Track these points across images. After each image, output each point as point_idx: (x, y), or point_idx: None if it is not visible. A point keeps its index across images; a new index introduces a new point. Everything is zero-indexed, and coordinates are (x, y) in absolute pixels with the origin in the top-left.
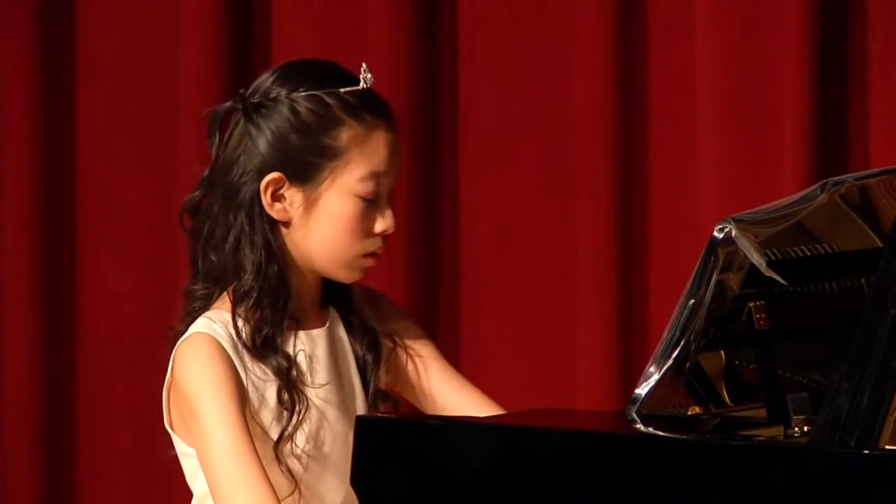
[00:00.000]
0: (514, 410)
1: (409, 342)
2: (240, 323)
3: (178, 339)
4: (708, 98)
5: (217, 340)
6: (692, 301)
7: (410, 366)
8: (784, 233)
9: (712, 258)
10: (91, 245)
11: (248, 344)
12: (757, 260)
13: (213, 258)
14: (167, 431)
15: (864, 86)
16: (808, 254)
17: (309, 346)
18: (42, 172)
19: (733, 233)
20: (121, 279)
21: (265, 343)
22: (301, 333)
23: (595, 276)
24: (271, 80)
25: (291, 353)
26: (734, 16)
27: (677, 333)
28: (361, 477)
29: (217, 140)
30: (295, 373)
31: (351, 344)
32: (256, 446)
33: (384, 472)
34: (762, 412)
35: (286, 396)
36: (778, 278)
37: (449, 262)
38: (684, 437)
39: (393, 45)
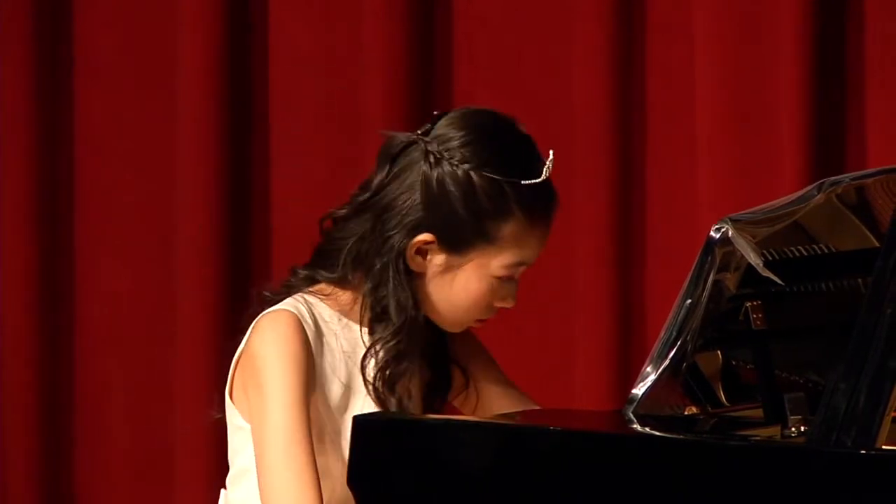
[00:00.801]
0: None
1: (484, 379)
2: (370, 361)
3: (264, 305)
4: (706, 98)
5: (301, 323)
6: (689, 301)
7: (478, 407)
8: (781, 233)
9: (709, 258)
10: (89, 245)
11: (371, 381)
12: (754, 260)
13: (350, 275)
14: (224, 398)
15: (861, 86)
16: (805, 254)
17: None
18: (40, 172)
19: (730, 233)
20: (119, 279)
21: (390, 383)
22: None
23: (593, 276)
24: (459, 139)
25: (405, 394)
26: (732, 17)
27: (674, 333)
28: (359, 477)
29: (387, 169)
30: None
31: (424, 367)
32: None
33: (382, 472)
34: (759, 412)
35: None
36: (775, 278)
37: None
38: (681, 437)
39: (389, 45)
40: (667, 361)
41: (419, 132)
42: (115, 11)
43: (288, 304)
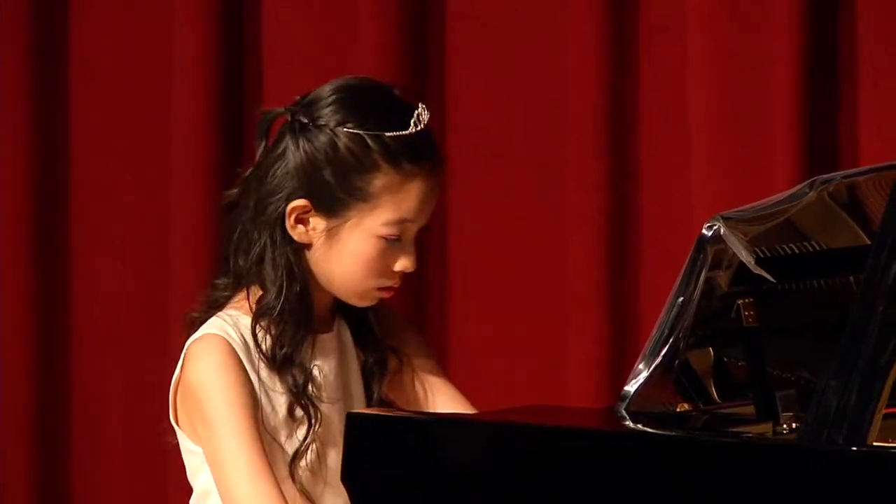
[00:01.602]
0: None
1: (414, 360)
2: (260, 334)
3: (192, 327)
4: (699, 97)
5: (230, 344)
6: (681, 299)
7: (417, 386)
8: (773, 230)
9: (701, 256)
10: (85, 244)
11: (269, 356)
12: (746, 257)
13: (240, 262)
14: (171, 424)
15: (854, 85)
16: (797, 251)
17: (319, 354)
18: (36, 172)
19: (722, 230)
20: (115, 278)
21: (285, 359)
22: (314, 339)
23: (586, 273)
24: (325, 102)
25: (307, 366)
26: (725, 15)
27: (666, 331)
28: (352, 474)
29: (263, 143)
30: (311, 388)
31: (357, 353)
32: (267, 453)
33: (375, 469)
34: (751, 409)
35: (301, 412)
36: (766, 276)
37: (438, 262)
38: (673, 433)
39: (383, 43)
40: (659, 359)
41: (295, 100)
42: (111, 11)
43: (213, 325)
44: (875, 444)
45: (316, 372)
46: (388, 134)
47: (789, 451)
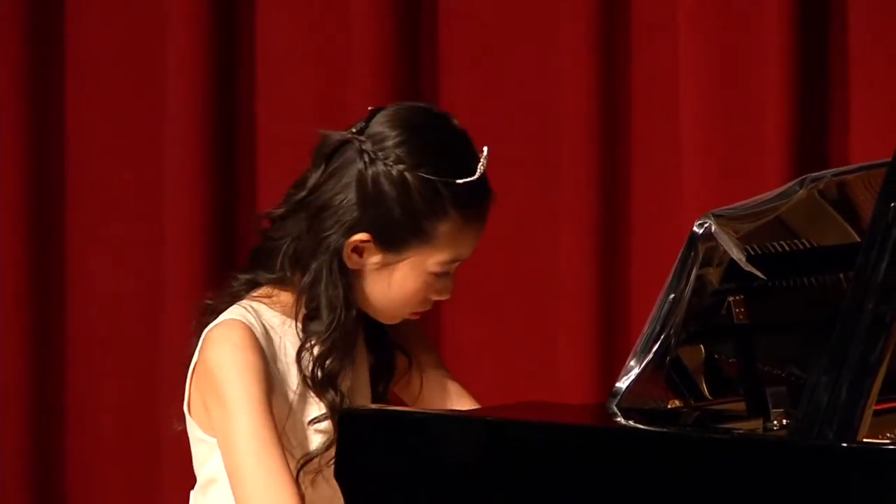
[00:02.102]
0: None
1: (421, 358)
2: (305, 356)
3: (209, 314)
4: (690, 95)
5: (251, 330)
6: (672, 295)
7: (424, 384)
8: (763, 228)
9: (692, 253)
10: (80, 243)
11: (308, 375)
12: (736, 255)
13: (288, 273)
14: (181, 411)
15: (845, 84)
16: (787, 249)
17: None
18: (31, 170)
19: (713, 228)
20: (110, 277)
21: (326, 378)
22: None
23: (578, 271)
24: (394, 139)
25: (345, 389)
26: (716, 13)
27: (658, 327)
28: (346, 470)
29: (322, 169)
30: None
31: (367, 353)
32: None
33: (368, 465)
34: (741, 405)
35: (328, 425)
36: (757, 273)
37: None
38: (664, 430)
39: (376, 44)
40: (650, 355)
41: (353, 130)
42: (106, 11)
43: (235, 312)
44: (865, 440)
45: (345, 387)
46: (458, 181)
47: (780, 447)
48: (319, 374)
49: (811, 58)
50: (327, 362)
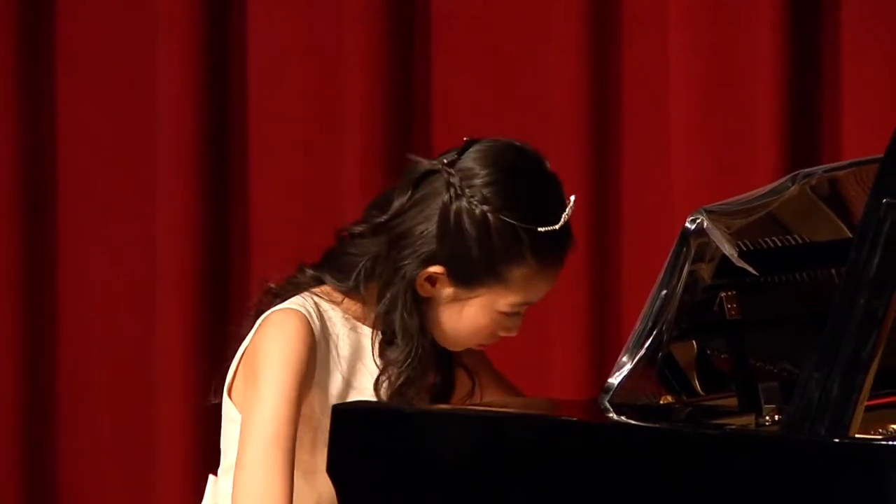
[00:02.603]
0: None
1: (487, 388)
2: (384, 385)
3: (271, 297)
4: (681, 92)
5: (309, 323)
6: (664, 292)
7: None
8: (755, 224)
9: (684, 249)
10: (72, 239)
11: (396, 391)
12: (728, 251)
13: (362, 287)
14: (222, 391)
15: (837, 80)
16: (779, 245)
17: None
18: (23, 164)
19: (705, 224)
20: (102, 272)
21: (409, 399)
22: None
23: (569, 266)
24: (483, 177)
25: None
26: (707, 10)
27: (650, 323)
28: (339, 465)
29: (408, 195)
30: None
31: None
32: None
33: (360, 460)
34: (733, 401)
35: None
36: (749, 269)
37: None
38: (657, 425)
39: (369, 41)
40: (642, 351)
41: (445, 161)
42: (98, 8)
43: (296, 302)
44: (857, 435)
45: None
46: (540, 229)
47: (772, 442)
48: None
49: (803, 54)
50: (406, 391)
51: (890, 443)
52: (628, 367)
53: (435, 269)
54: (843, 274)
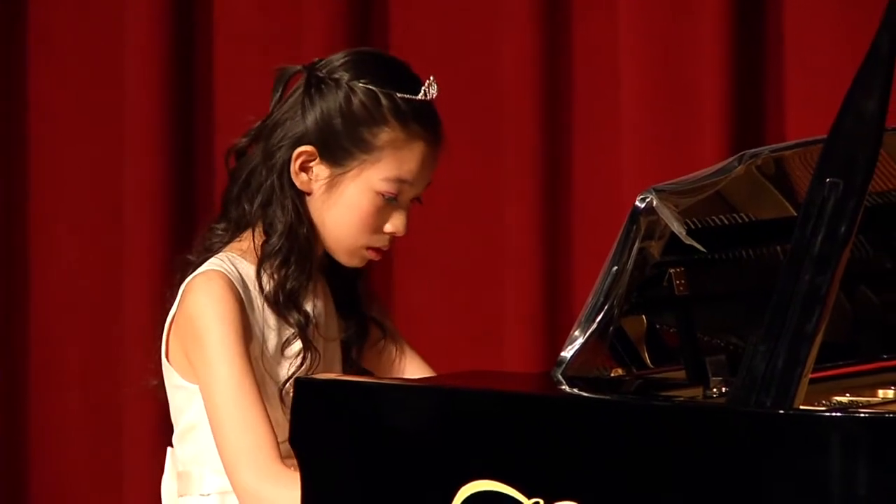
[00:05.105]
0: (445, 372)
1: (396, 337)
2: (264, 278)
3: (188, 268)
4: (630, 73)
5: (230, 279)
6: (615, 268)
7: (397, 361)
8: (703, 203)
9: (634, 227)
10: (42, 216)
11: (271, 299)
12: (677, 228)
13: (245, 206)
14: (155, 365)
15: (780, 63)
16: (726, 223)
17: (313, 295)
18: None
19: (655, 202)
20: (72, 249)
21: (288, 299)
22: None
23: (522, 243)
24: (341, 61)
25: (307, 306)
26: None
27: (601, 299)
28: (300, 437)
29: (278, 96)
30: (311, 328)
31: (340, 319)
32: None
33: (322, 432)
34: (682, 374)
35: (301, 349)
36: (697, 246)
37: None
38: (608, 397)
39: (326, 23)
40: (594, 325)
41: (309, 65)
42: None
43: (213, 264)
44: (802, 407)
45: (309, 308)
46: (399, 94)
47: (719, 413)
48: (280, 294)
49: (750, 35)
50: (285, 279)
51: (833, 414)
52: (580, 340)
53: (305, 148)
54: (788, 251)
